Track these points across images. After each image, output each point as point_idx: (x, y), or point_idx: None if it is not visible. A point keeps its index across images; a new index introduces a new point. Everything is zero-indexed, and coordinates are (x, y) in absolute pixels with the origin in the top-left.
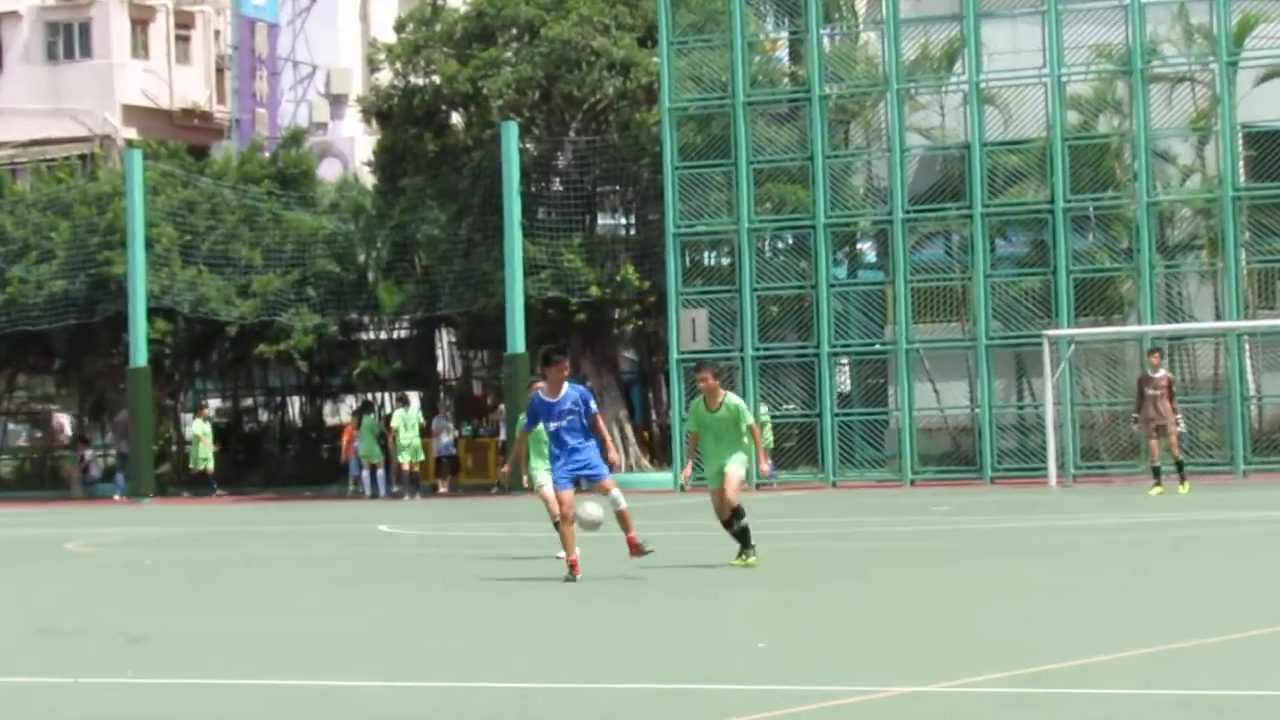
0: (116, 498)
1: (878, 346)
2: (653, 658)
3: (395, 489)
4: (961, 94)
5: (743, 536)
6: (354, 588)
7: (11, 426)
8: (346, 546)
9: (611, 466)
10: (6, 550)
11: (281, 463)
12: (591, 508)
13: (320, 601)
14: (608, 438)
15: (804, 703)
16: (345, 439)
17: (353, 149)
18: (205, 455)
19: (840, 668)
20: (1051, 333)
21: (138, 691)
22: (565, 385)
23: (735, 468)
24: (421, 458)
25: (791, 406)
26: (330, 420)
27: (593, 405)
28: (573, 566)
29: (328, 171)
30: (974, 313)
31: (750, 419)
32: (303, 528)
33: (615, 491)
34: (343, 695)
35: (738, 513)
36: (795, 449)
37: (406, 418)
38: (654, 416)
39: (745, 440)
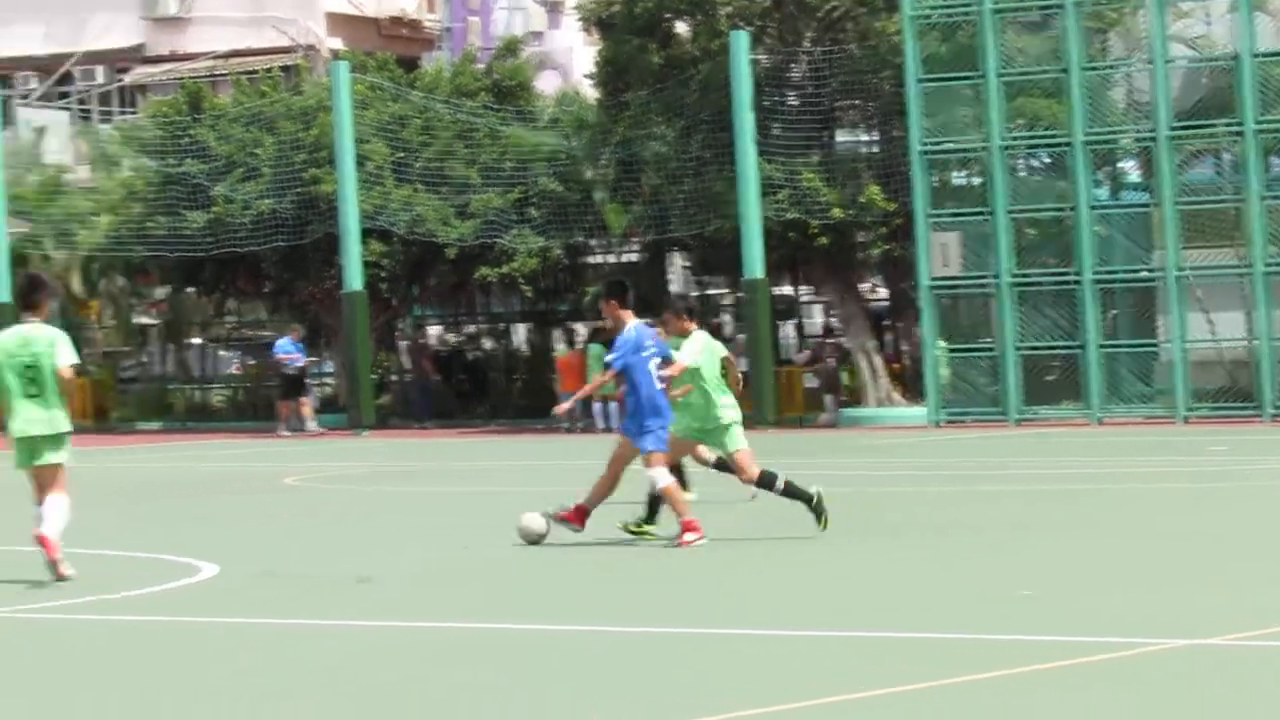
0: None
1: (1144, 273)
2: (928, 607)
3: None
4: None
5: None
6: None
7: (222, 354)
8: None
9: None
10: (223, 485)
11: (508, 394)
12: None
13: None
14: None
15: (1085, 654)
16: (562, 370)
17: (571, 60)
18: None
19: (1113, 619)
20: None
21: (363, 634)
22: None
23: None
24: None
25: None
26: (558, 350)
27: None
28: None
29: (546, 84)
30: (1249, 237)
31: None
32: (527, 463)
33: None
34: (639, 642)
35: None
36: (1057, 383)
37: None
38: (904, 347)
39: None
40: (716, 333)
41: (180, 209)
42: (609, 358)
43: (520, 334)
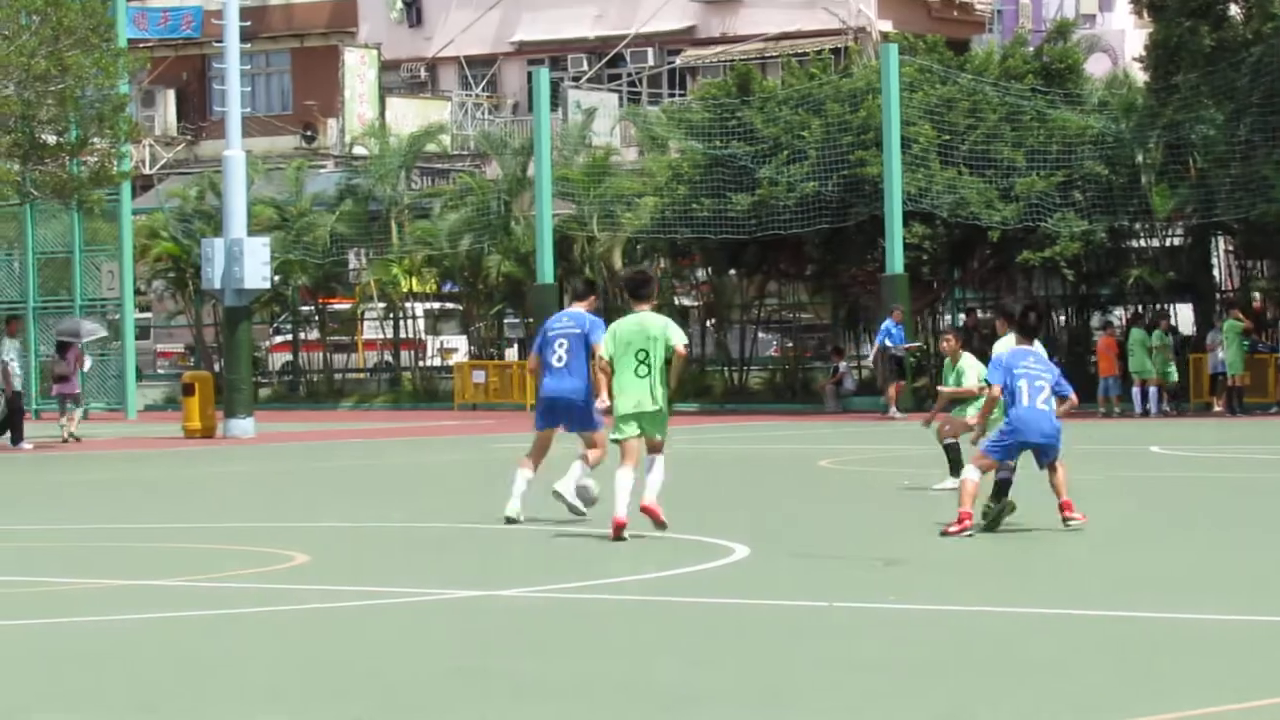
0: None
1: None
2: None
3: (1166, 408)
4: None
5: None
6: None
7: (762, 335)
8: (1117, 469)
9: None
10: (758, 465)
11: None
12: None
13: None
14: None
15: None
16: (1100, 354)
17: (1123, 43)
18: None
19: None
20: None
21: (894, 617)
22: None
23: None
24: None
25: None
26: (1097, 334)
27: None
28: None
29: (1095, 67)
30: None
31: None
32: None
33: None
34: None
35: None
36: None
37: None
38: None
39: None
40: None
41: (725, 191)
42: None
43: (1060, 317)
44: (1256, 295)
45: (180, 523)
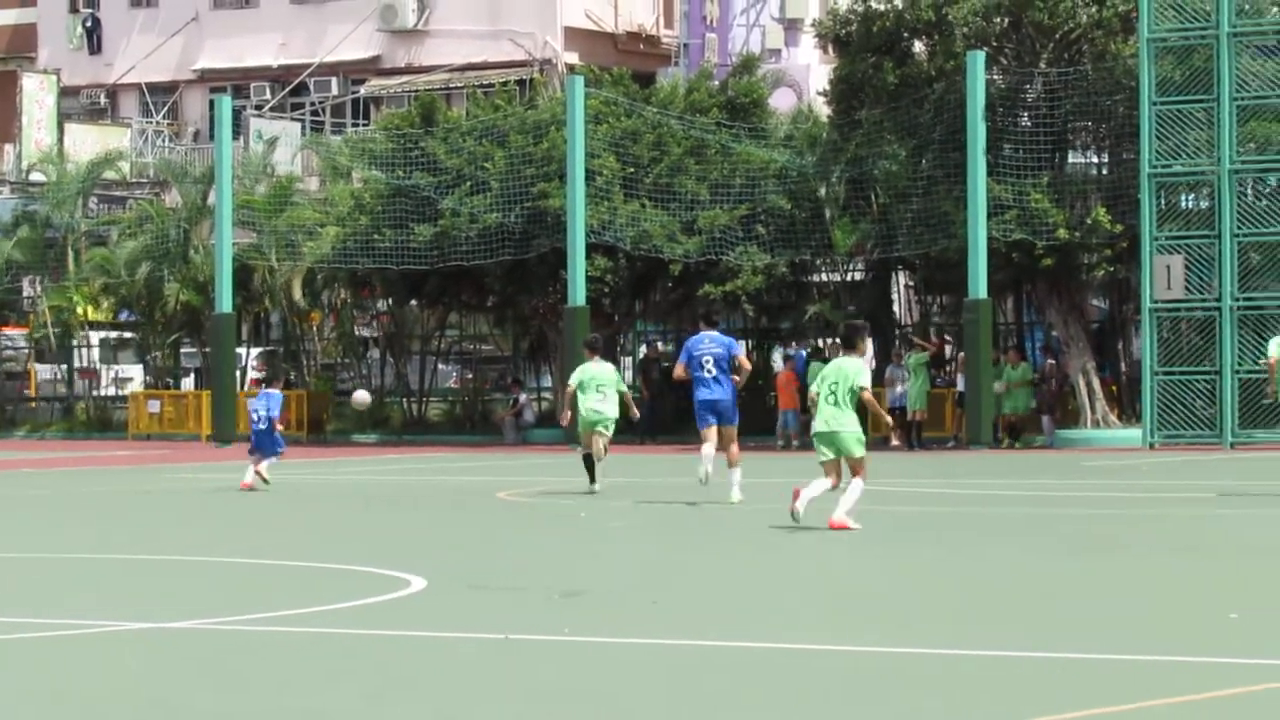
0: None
1: None
2: (1124, 625)
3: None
4: None
5: None
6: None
7: (442, 367)
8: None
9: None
10: (436, 497)
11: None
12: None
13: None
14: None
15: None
16: (780, 388)
17: (808, 78)
18: None
19: None
20: None
21: (570, 649)
22: None
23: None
24: None
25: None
26: (777, 368)
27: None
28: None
29: (781, 101)
30: None
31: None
32: (749, 480)
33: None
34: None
35: None
36: (1274, 407)
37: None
38: (1123, 368)
39: None
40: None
41: (407, 221)
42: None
43: (741, 351)
44: (934, 331)
45: None
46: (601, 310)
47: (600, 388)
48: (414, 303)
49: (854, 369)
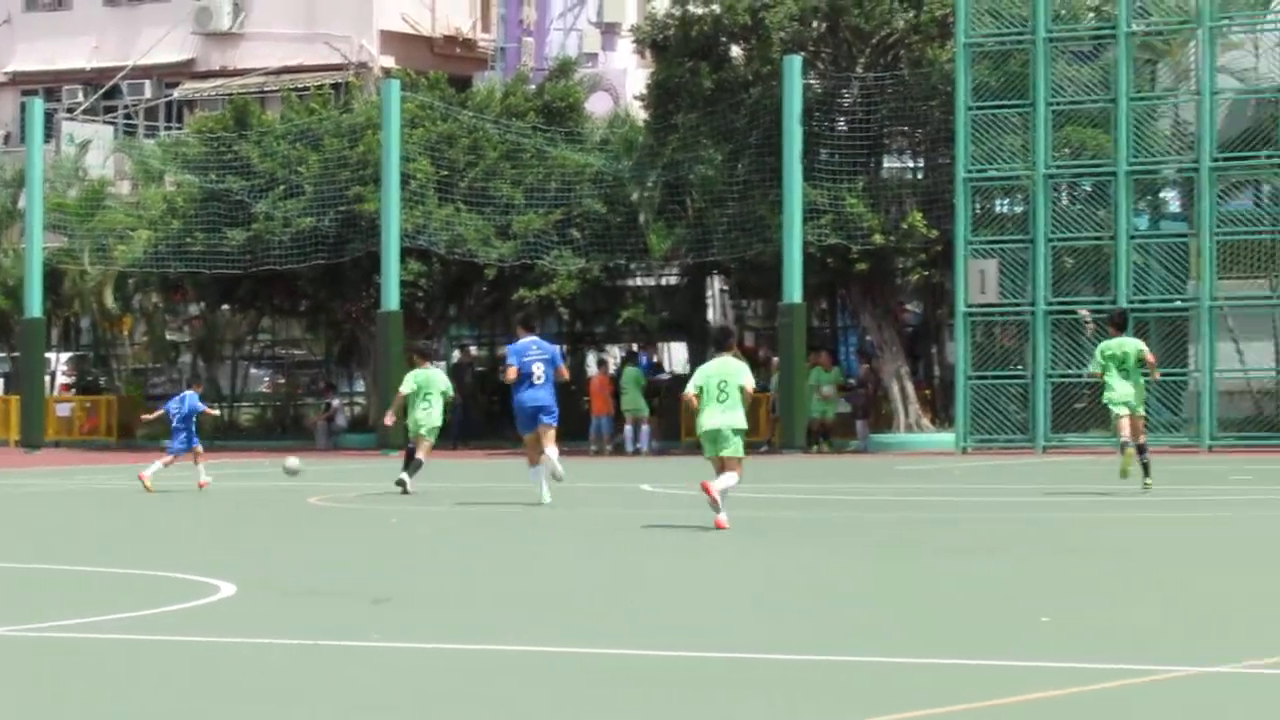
0: None
1: (1179, 303)
2: (938, 631)
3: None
4: (1279, 34)
5: None
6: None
7: (254, 371)
8: (609, 506)
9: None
10: (249, 504)
11: None
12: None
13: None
14: None
15: (1095, 681)
16: (593, 393)
17: (624, 82)
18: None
19: (1129, 645)
20: None
21: (380, 655)
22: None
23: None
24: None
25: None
26: (591, 372)
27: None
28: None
29: (597, 106)
30: None
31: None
32: (564, 486)
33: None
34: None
35: None
36: (1086, 411)
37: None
38: (936, 373)
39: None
40: (753, 356)
41: (220, 226)
42: None
43: (562, 361)
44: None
45: None
46: (415, 315)
47: (427, 395)
48: (226, 307)
49: (738, 367)
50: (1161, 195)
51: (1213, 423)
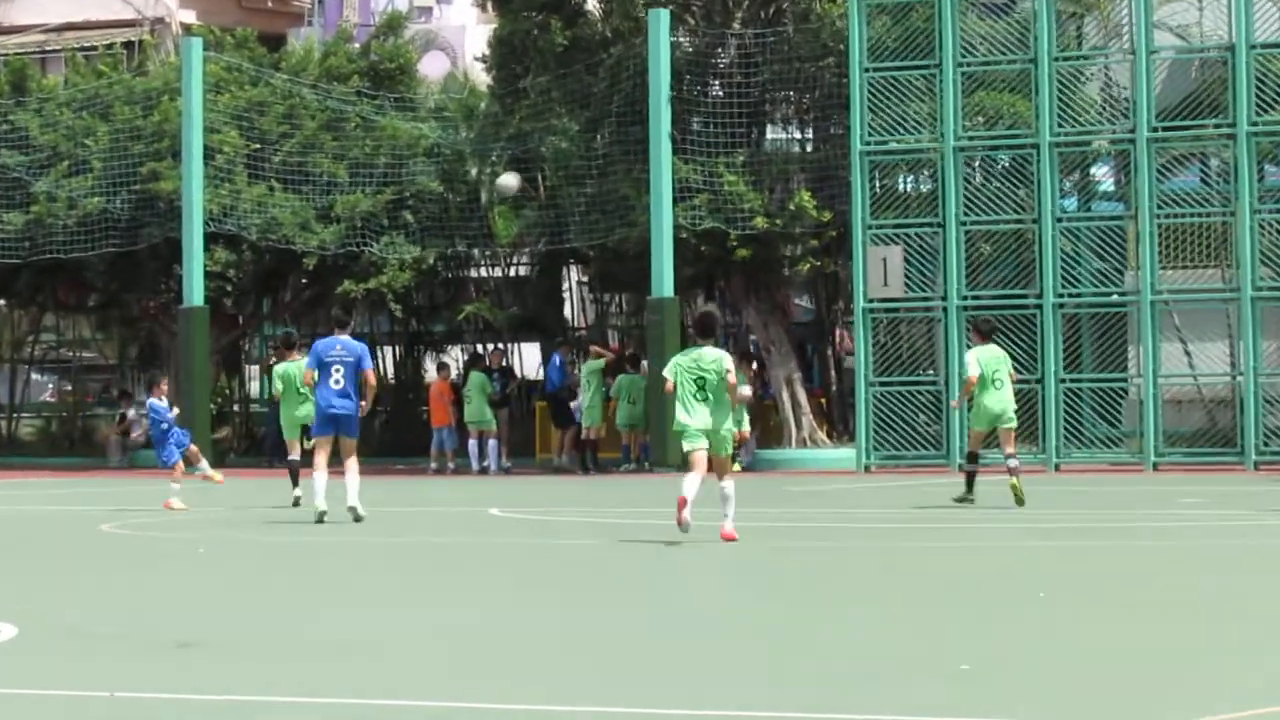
0: None
1: (1115, 297)
2: (848, 677)
3: (507, 464)
4: None
5: None
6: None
7: (36, 378)
8: (452, 534)
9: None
10: (31, 530)
11: (368, 429)
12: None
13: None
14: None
15: None
16: (432, 401)
17: (463, 40)
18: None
19: (1049, 698)
20: None
21: (188, 710)
22: None
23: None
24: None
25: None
26: (430, 377)
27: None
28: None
29: (431, 67)
30: (1237, 256)
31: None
32: (396, 509)
33: None
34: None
35: None
36: None
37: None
38: (833, 378)
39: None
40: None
41: None
42: None
43: (387, 359)
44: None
45: None
46: (223, 311)
47: (299, 391)
48: (2, 302)
49: (720, 354)
50: (1092, 171)
51: (1158, 437)
